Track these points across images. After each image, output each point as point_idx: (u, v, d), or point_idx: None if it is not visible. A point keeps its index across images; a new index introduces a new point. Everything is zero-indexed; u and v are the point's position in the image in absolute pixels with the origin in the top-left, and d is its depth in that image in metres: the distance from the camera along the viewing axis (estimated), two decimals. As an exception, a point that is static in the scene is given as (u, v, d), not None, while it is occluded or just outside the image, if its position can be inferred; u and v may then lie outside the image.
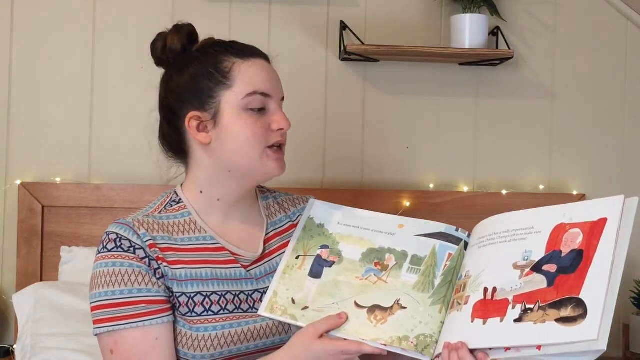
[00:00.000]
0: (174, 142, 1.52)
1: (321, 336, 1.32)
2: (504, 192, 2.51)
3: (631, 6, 2.56)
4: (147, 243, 1.41)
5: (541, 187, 2.56)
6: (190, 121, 1.45)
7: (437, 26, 2.53)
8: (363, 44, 2.42)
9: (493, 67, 2.53)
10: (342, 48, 2.43)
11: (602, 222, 1.25)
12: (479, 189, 2.55)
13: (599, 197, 2.49)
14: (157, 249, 1.41)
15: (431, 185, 2.53)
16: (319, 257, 1.46)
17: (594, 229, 1.25)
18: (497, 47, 2.49)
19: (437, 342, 1.30)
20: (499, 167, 2.56)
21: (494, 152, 2.56)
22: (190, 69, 1.46)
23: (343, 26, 2.45)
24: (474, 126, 2.56)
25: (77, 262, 2.28)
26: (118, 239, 1.41)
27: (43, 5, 2.41)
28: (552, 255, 1.26)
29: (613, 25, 2.59)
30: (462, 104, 2.55)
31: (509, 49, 2.45)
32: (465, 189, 2.54)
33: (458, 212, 2.47)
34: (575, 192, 2.55)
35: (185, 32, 1.51)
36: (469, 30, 2.39)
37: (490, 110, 2.55)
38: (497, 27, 2.49)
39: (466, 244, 1.41)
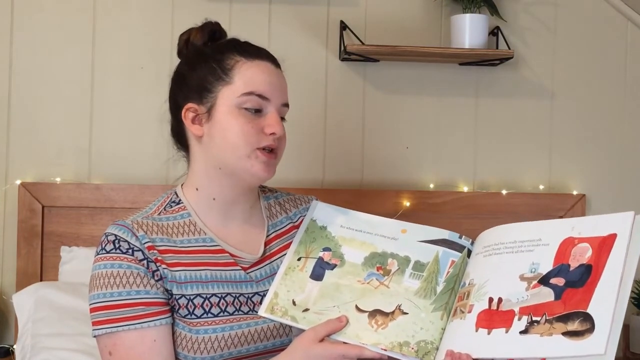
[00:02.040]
0: (177, 134, 1.54)
1: (321, 340, 1.32)
2: (504, 192, 2.51)
3: (631, 6, 2.56)
4: (146, 245, 1.41)
5: (541, 187, 2.56)
6: (187, 112, 1.47)
7: (437, 26, 2.53)
8: (363, 44, 2.41)
9: (493, 67, 2.53)
10: (342, 48, 2.43)
11: (612, 237, 1.25)
12: (479, 189, 2.55)
13: (599, 197, 2.55)
14: (155, 251, 1.41)
15: (431, 185, 2.52)
16: (320, 259, 1.46)
17: (604, 245, 1.24)
18: (497, 47, 2.48)
19: (437, 348, 1.30)
20: (499, 167, 2.56)
21: (494, 152, 2.56)
22: (197, 63, 1.49)
23: (343, 26, 2.44)
24: (474, 126, 2.55)
25: (77, 262, 2.28)
26: (116, 241, 1.41)
27: (43, 5, 2.41)
28: (560, 269, 1.26)
29: (613, 25, 2.58)
30: (462, 104, 2.54)
31: (509, 49, 2.45)
32: (465, 189, 2.54)
33: (458, 212, 2.47)
34: (575, 192, 2.55)
35: (209, 29, 1.54)
36: (469, 30, 2.39)
37: (490, 110, 2.55)
38: (497, 27, 2.48)
39: (469, 252, 1.41)
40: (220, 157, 1.46)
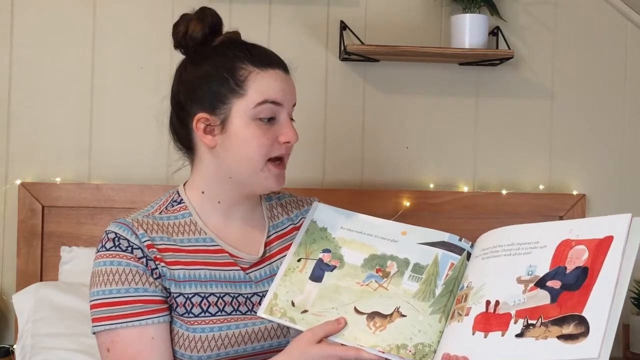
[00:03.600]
0: (182, 137, 1.52)
1: (319, 341, 1.32)
2: (504, 192, 2.51)
3: (631, 6, 2.56)
4: (145, 243, 1.41)
5: (541, 187, 2.56)
6: (198, 122, 1.45)
7: (437, 26, 2.53)
8: (363, 44, 2.41)
9: (493, 67, 2.53)
10: (342, 48, 2.43)
11: (609, 240, 1.24)
12: (479, 189, 2.55)
13: (599, 197, 2.56)
14: (155, 250, 1.42)
15: (431, 185, 2.52)
16: (320, 260, 1.46)
17: (600, 247, 1.24)
18: (497, 47, 2.48)
19: (435, 351, 1.30)
20: (499, 167, 2.56)
21: (494, 152, 2.56)
22: (206, 67, 1.45)
23: (343, 26, 2.44)
24: (474, 126, 2.55)
25: (77, 262, 2.28)
26: (116, 239, 1.41)
27: (43, 5, 2.41)
28: (557, 272, 1.26)
29: (613, 25, 2.58)
30: (462, 104, 2.54)
31: (509, 49, 2.45)
32: (465, 189, 2.54)
33: (458, 212, 2.47)
34: (575, 192, 2.55)
35: (209, 21, 1.49)
36: (469, 30, 2.39)
37: (490, 110, 2.55)
38: (497, 27, 2.48)
39: (469, 255, 1.41)
40: (233, 169, 1.45)
